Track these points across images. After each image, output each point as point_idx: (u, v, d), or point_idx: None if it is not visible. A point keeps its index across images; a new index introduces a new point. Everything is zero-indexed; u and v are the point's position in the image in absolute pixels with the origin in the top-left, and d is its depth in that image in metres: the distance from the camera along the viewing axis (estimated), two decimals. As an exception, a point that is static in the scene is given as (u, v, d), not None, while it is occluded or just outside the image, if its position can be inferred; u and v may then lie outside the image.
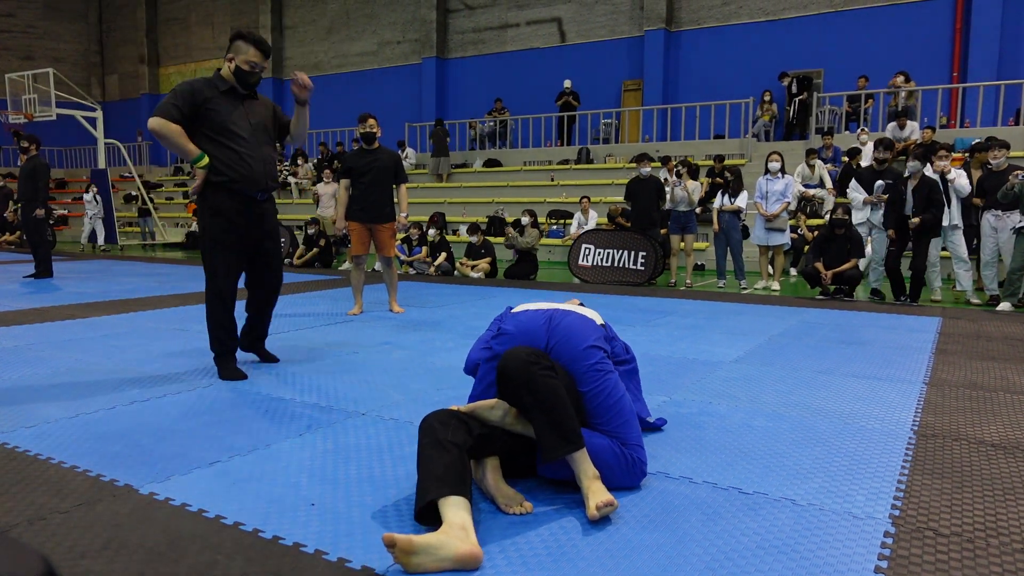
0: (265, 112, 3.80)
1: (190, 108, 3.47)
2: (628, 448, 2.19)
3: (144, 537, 1.88)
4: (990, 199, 6.76)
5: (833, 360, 4.22)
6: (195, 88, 3.50)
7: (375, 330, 5.21)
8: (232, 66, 3.58)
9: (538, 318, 2.37)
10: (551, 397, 2.04)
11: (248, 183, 3.62)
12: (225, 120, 3.55)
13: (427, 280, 9.06)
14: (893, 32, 13.93)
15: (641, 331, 5.18)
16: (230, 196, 3.61)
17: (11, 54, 24.29)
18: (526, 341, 2.31)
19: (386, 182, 5.81)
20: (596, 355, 2.26)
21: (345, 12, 21.00)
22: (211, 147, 3.55)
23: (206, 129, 3.54)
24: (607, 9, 16.97)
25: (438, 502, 1.84)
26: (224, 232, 3.63)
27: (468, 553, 1.69)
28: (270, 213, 3.84)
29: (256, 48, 3.59)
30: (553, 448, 2.03)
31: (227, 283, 3.68)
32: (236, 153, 3.57)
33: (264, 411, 3.07)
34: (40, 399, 3.24)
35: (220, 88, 3.57)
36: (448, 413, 2.14)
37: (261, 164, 3.66)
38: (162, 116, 3.40)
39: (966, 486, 2.28)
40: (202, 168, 3.53)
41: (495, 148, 17.23)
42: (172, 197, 20.12)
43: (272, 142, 3.83)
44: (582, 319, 2.38)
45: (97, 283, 8.31)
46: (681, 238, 8.75)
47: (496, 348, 2.37)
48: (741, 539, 1.89)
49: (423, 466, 1.98)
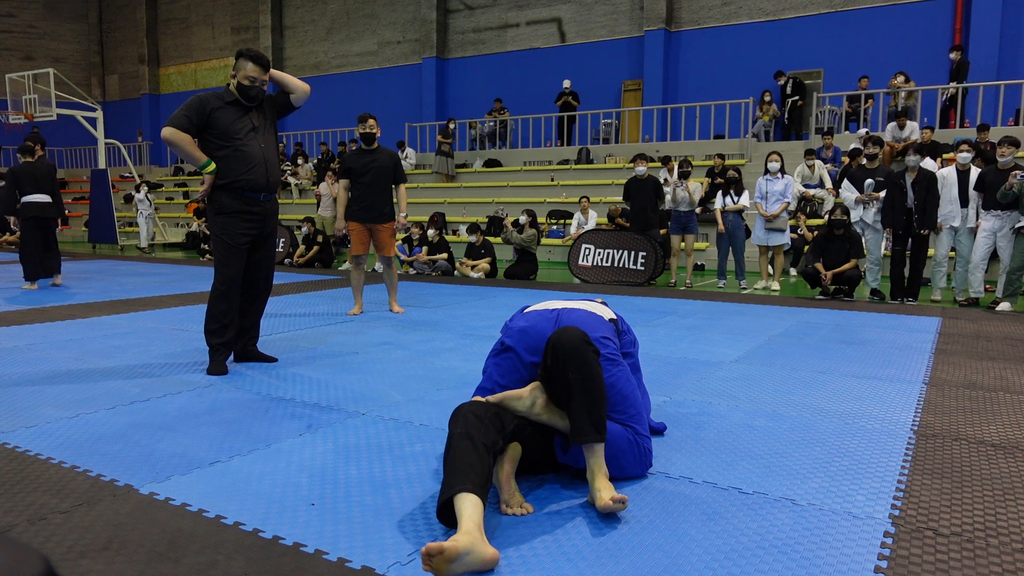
0: (269, 116, 4.03)
1: (199, 118, 3.77)
2: (640, 438, 2.26)
3: (144, 537, 1.88)
4: (989, 197, 6.74)
5: (833, 360, 4.22)
6: (203, 100, 3.81)
7: (375, 330, 5.21)
8: (235, 82, 3.88)
9: (547, 314, 2.41)
10: (596, 380, 2.07)
11: (250, 185, 3.88)
12: (229, 128, 3.83)
13: (427, 280, 9.06)
14: (893, 32, 13.93)
15: (641, 331, 5.17)
16: (234, 196, 3.87)
17: (11, 54, 24.30)
18: (535, 335, 2.33)
19: (385, 182, 5.82)
20: (607, 346, 2.30)
21: (345, 12, 21.01)
22: (217, 152, 3.84)
23: (213, 136, 3.83)
24: (607, 9, 16.97)
25: (455, 497, 1.84)
26: (230, 229, 3.89)
27: (493, 556, 1.74)
28: (272, 214, 4.07)
29: (254, 63, 3.83)
30: (583, 432, 2.04)
31: (234, 276, 3.91)
32: (240, 157, 3.84)
33: (264, 411, 3.07)
34: (40, 399, 3.24)
35: (226, 99, 3.86)
36: (483, 406, 2.12)
37: (263, 167, 3.91)
38: (174, 126, 3.71)
39: (966, 486, 2.28)
40: (209, 173, 3.83)
41: (495, 148, 17.23)
42: (172, 197, 20.12)
43: (276, 146, 4.07)
44: (589, 313, 2.42)
45: (97, 283, 8.31)
46: (682, 238, 8.76)
47: (508, 342, 2.39)
48: (741, 539, 1.89)
49: (451, 457, 1.96)
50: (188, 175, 21.25)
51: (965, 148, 7.11)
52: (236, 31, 23.29)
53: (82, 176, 21.73)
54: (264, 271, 4.12)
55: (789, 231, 8.54)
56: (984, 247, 6.78)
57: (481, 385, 2.43)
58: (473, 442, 1.97)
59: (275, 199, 4.09)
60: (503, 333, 2.47)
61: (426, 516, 2.03)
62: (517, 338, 2.37)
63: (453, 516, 1.83)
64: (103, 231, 14.82)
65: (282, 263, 11.33)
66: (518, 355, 2.35)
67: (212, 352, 3.87)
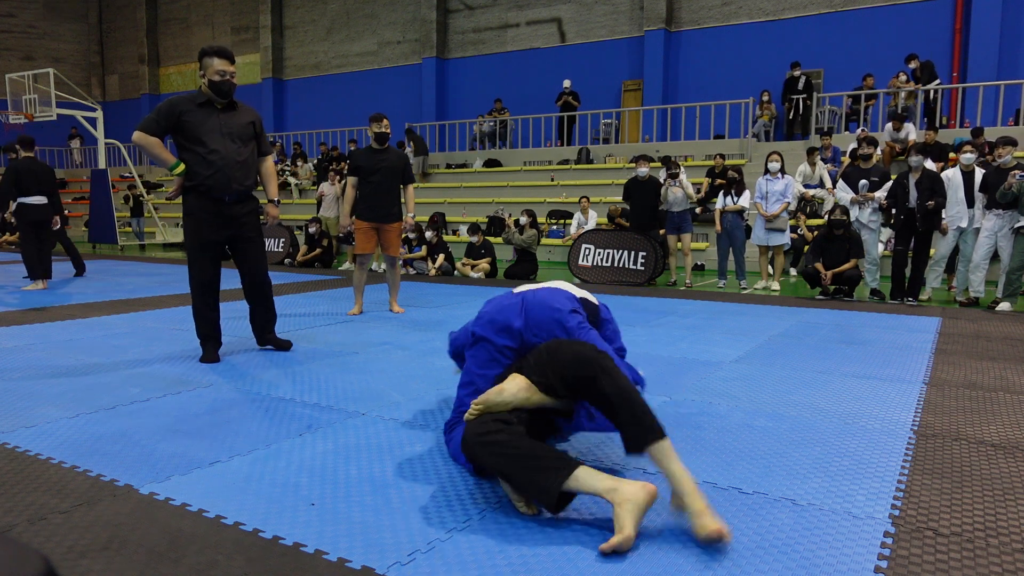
0: (243, 121, 4.06)
1: (168, 121, 3.86)
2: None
3: (144, 537, 1.88)
4: (990, 197, 6.75)
5: (833, 360, 4.22)
6: (173, 103, 3.90)
7: (375, 330, 5.21)
8: (205, 81, 3.89)
9: (512, 297, 2.50)
10: (626, 384, 2.02)
11: (215, 187, 3.93)
12: (197, 130, 3.88)
13: (427, 280, 9.06)
14: (893, 32, 13.93)
15: (641, 331, 5.17)
16: (199, 198, 3.97)
17: (11, 54, 24.29)
18: (503, 318, 2.39)
19: (394, 182, 5.83)
20: (575, 317, 2.42)
21: (345, 12, 21.00)
22: (185, 155, 3.92)
23: (181, 138, 3.92)
24: (607, 9, 16.97)
25: (567, 483, 1.89)
26: (196, 230, 4.00)
27: (652, 492, 1.86)
28: (244, 214, 4.10)
29: (219, 57, 3.87)
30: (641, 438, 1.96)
31: (202, 275, 4.05)
32: (205, 160, 3.90)
33: (264, 411, 3.07)
34: (40, 399, 3.24)
35: (197, 101, 3.91)
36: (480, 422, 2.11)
37: (228, 170, 3.95)
38: (142, 130, 3.84)
39: (966, 486, 2.28)
40: (178, 175, 3.93)
41: (495, 148, 17.23)
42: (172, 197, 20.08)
43: (248, 148, 4.09)
44: (551, 290, 2.51)
45: (97, 283, 8.31)
46: (677, 238, 8.77)
47: (477, 331, 2.43)
48: (741, 539, 1.89)
49: (517, 463, 1.96)
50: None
51: (968, 149, 7.10)
52: (236, 31, 23.29)
53: (82, 176, 21.72)
54: (252, 270, 4.23)
55: (789, 231, 8.54)
56: (985, 247, 6.78)
57: (462, 382, 2.45)
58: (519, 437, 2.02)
59: (251, 202, 4.15)
60: (473, 324, 2.51)
61: (426, 516, 2.03)
62: (486, 326, 2.41)
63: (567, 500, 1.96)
64: (103, 231, 14.81)
65: (282, 263, 11.33)
66: (490, 342, 2.38)
67: (201, 343, 4.13)
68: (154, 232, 16.40)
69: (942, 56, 13.34)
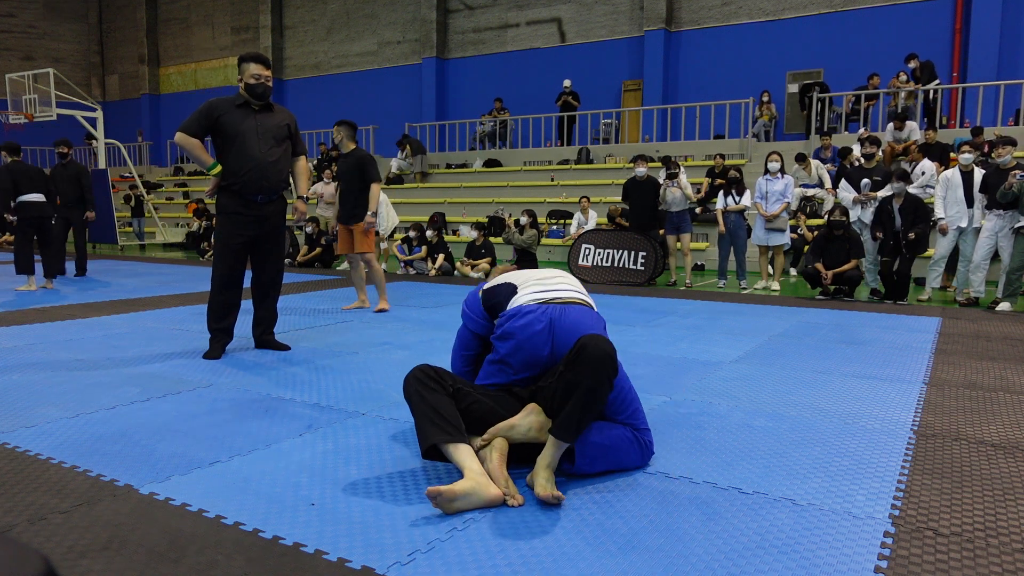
0: (278, 122, 4.21)
1: (207, 122, 4.02)
2: (639, 433, 2.38)
3: (144, 537, 1.88)
4: (990, 197, 6.74)
5: (833, 360, 4.22)
6: (212, 105, 4.06)
7: (375, 330, 5.21)
8: (243, 84, 4.09)
9: (538, 315, 2.40)
10: (600, 398, 2.17)
11: (247, 187, 4.07)
12: (234, 131, 4.04)
13: (427, 280, 9.06)
14: (893, 32, 13.92)
15: (641, 331, 5.18)
16: (232, 197, 4.10)
17: (11, 54, 24.29)
18: (530, 348, 2.38)
19: (353, 184, 5.95)
20: None
21: (345, 12, 21.00)
22: (221, 155, 4.08)
23: (219, 139, 4.08)
24: (607, 9, 16.97)
25: (443, 446, 2.17)
26: (226, 228, 4.13)
27: (497, 496, 2.06)
28: (273, 215, 4.23)
29: (255, 62, 4.07)
30: (566, 431, 2.16)
31: (227, 271, 4.14)
32: (239, 160, 4.04)
33: (264, 411, 3.07)
34: (40, 399, 3.24)
35: (235, 103, 4.08)
36: (422, 370, 2.37)
37: (261, 170, 4.07)
38: (184, 132, 4.00)
39: (966, 486, 2.28)
40: (215, 175, 4.09)
41: (495, 148, 17.23)
42: (172, 197, 20.11)
43: (281, 149, 4.22)
44: (581, 312, 2.44)
45: (97, 283, 8.31)
46: (677, 238, 8.77)
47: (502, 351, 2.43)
48: (741, 539, 1.89)
49: (419, 409, 2.27)
50: (188, 175, 21.23)
51: (967, 149, 7.10)
52: (236, 31, 23.29)
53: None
54: (269, 271, 4.35)
55: (789, 231, 8.54)
56: (985, 247, 6.77)
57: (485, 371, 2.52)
58: (442, 397, 2.28)
59: (280, 202, 4.28)
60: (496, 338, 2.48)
61: (427, 516, 2.03)
62: (513, 353, 2.41)
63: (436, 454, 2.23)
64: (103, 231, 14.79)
65: (282, 263, 11.31)
66: (510, 367, 2.44)
67: (211, 337, 4.22)
68: (154, 232, 16.39)
69: (942, 56, 13.34)
